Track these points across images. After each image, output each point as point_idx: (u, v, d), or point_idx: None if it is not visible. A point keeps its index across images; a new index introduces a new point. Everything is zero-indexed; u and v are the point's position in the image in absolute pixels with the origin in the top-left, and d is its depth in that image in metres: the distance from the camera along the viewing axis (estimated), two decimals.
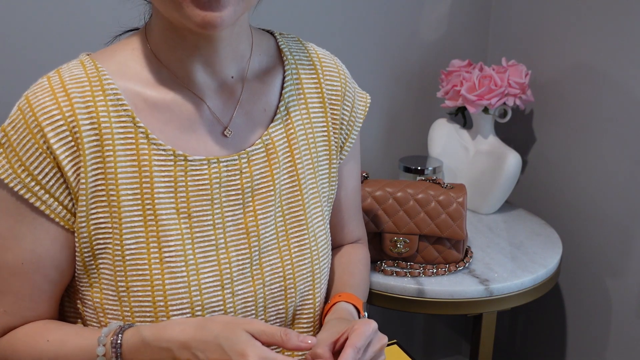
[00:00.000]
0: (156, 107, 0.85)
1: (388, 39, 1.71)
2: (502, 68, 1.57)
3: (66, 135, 0.80)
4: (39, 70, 0.89)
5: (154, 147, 0.83)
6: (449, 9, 1.75)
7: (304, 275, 0.91)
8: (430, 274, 1.34)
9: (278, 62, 0.94)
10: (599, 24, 1.50)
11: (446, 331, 2.05)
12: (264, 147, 0.89)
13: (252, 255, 0.88)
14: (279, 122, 0.91)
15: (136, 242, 0.83)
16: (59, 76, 0.82)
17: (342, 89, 0.97)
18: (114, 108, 0.82)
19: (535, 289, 1.39)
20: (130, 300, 0.83)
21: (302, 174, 0.92)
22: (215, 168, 0.86)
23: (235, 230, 0.87)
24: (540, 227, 1.58)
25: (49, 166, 0.80)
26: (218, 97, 0.88)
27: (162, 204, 0.83)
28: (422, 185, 1.36)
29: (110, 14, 0.96)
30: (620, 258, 1.53)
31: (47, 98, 0.80)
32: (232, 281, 0.86)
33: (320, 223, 0.94)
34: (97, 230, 0.82)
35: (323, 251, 0.94)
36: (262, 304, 0.89)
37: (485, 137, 1.62)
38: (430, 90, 1.75)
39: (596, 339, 1.62)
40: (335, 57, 1.00)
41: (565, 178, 1.64)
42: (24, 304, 0.84)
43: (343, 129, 0.98)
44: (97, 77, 0.83)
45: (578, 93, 1.57)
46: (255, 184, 0.88)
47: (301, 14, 1.61)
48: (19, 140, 0.80)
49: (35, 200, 0.81)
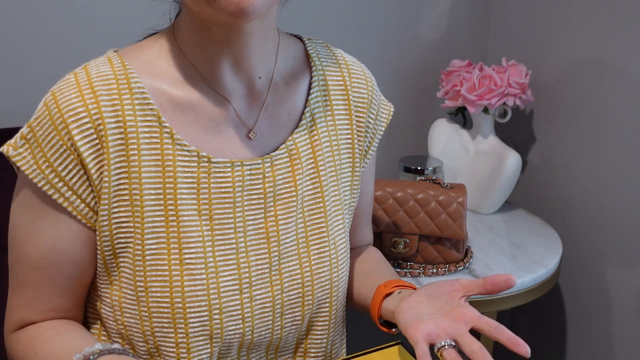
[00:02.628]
0: (181, 107, 0.84)
1: (388, 39, 1.71)
2: (502, 68, 1.57)
3: (91, 133, 0.79)
4: (65, 69, 0.88)
5: (178, 147, 0.82)
6: (449, 9, 1.75)
7: (322, 283, 0.90)
8: (430, 274, 1.34)
9: (305, 66, 0.93)
10: (599, 23, 1.50)
11: None
12: (288, 153, 0.88)
13: (272, 260, 0.87)
14: (303, 128, 0.90)
15: (157, 242, 0.82)
16: (86, 72, 0.81)
17: (369, 97, 0.96)
18: (140, 107, 0.82)
19: (535, 289, 1.39)
20: (148, 300, 0.82)
21: (325, 181, 0.91)
22: (239, 171, 0.85)
23: (256, 234, 0.86)
24: (540, 227, 1.58)
25: (73, 163, 0.80)
26: (244, 98, 0.87)
27: (185, 204, 0.83)
28: (422, 185, 1.36)
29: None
30: (620, 258, 1.53)
31: (73, 95, 0.80)
32: (250, 285, 0.85)
33: (341, 231, 0.93)
34: (118, 229, 0.82)
35: (342, 259, 0.93)
36: (279, 309, 0.88)
37: (485, 137, 1.62)
38: (430, 90, 1.75)
39: (596, 339, 1.62)
40: (363, 65, 0.98)
41: (566, 178, 1.64)
42: (42, 296, 0.84)
43: (367, 136, 0.97)
44: (124, 75, 0.82)
45: (578, 93, 1.57)
46: (277, 189, 0.87)
47: (301, 14, 1.60)
48: (44, 136, 0.80)
49: (58, 197, 0.81)
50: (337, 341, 0.98)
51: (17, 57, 1.38)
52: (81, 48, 1.41)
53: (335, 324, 0.95)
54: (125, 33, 0.96)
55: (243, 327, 0.85)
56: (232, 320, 0.85)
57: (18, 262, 0.85)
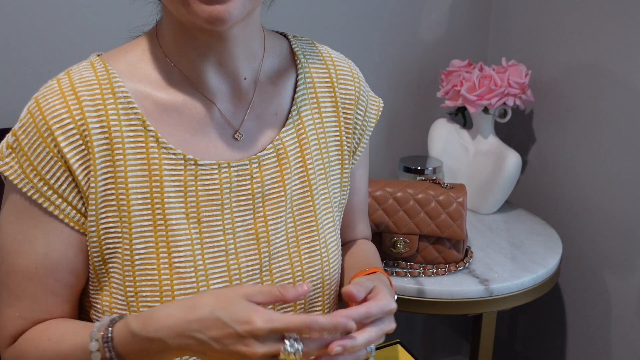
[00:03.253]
0: (166, 110, 0.84)
1: (388, 39, 1.71)
2: (502, 68, 1.57)
3: (77, 139, 0.79)
4: (50, 72, 0.88)
5: (164, 151, 0.82)
6: (449, 9, 1.75)
7: (313, 282, 0.90)
8: (430, 274, 1.34)
9: (291, 64, 0.93)
10: (599, 23, 1.50)
11: (446, 331, 2.05)
12: (275, 152, 0.88)
13: (262, 261, 0.87)
14: (290, 127, 0.90)
15: (145, 247, 0.82)
16: (69, 78, 0.81)
17: (355, 93, 0.95)
18: (124, 111, 0.81)
19: (535, 289, 1.39)
20: (138, 305, 0.82)
21: (314, 179, 0.91)
22: (226, 173, 0.85)
23: (245, 235, 0.86)
24: (540, 227, 1.58)
25: (60, 170, 0.80)
26: (229, 99, 0.87)
27: (172, 208, 0.82)
28: (422, 185, 1.36)
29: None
30: (620, 258, 1.53)
31: (57, 101, 0.79)
32: None
33: (331, 229, 0.93)
34: (106, 235, 0.82)
35: (333, 257, 0.93)
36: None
37: (485, 137, 1.62)
38: (430, 90, 1.75)
39: (596, 339, 1.62)
40: (350, 61, 0.98)
41: (565, 178, 1.64)
42: (39, 307, 0.83)
43: (356, 133, 0.96)
44: (107, 80, 0.81)
45: (578, 93, 1.57)
46: (266, 189, 0.87)
47: (301, 14, 1.61)
48: (30, 144, 0.79)
49: (48, 205, 0.80)
50: None
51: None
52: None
53: None
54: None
55: None
56: None
57: (9, 275, 0.83)
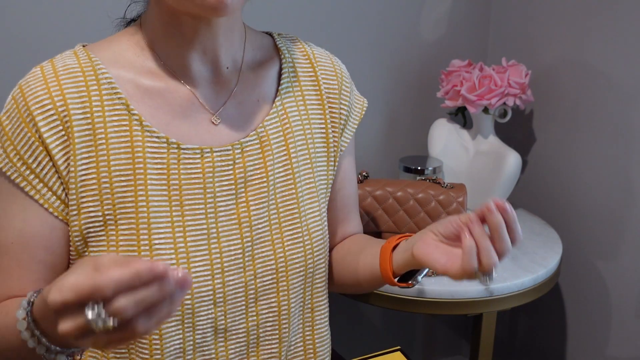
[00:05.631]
0: (149, 93, 0.86)
1: (388, 39, 1.71)
2: (502, 68, 1.57)
3: (57, 125, 0.81)
4: (36, 63, 0.89)
5: (147, 134, 0.84)
6: (449, 9, 1.75)
7: (296, 269, 0.91)
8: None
9: (274, 57, 0.95)
10: (599, 23, 1.50)
11: (446, 331, 2.05)
12: (258, 139, 0.90)
13: (245, 246, 0.88)
14: (274, 116, 0.92)
15: (128, 228, 0.83)
16: (52, 65, 0.83)
17: (338, 86, 0.98)
18: (108, 96, 0.83)
19: (535, 289, 1.39)
20: None
21: (297, 168, 0.93)
22: (208, 157, 0.86)
23: (228, 220, 0.88)
24: (540, 227, 1.58)
25: (42, 154, 0.82)
26: (211, 86, 0.89)
27: (155, 190, 0.84)
28: (422, 185, 1.36)
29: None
30: (620, 258, 1.53)
31: (39, 87, 0.81)
32: (222, 271, 0.87)
33: (316, 218, 0.94)
34: (87, 219, 0.83)
35: (318, 246, 0.94)
36: (252, 295, 0.89)
37: (485, 137, 1.62)
38: (430, 90, 1.75)
39: (596, 338, 1.62)
40: (333, 56, 1.01)
41: (565, 178, 1.64)
42: (12, 283, 0.84)
43: (342, 123, 0.98)
44: (91, 67, 0.84)
45: (578, 93, 1.57)
46: (248, 175, 0.89)
47: (301, 15, 1.61)
48: (14, 129, 0.82)
49: (30, 189, 0.82)
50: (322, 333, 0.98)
51: None
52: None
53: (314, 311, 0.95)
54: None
55: (215, 311, 0.87)
56: (203, 304, 0.86)
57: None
